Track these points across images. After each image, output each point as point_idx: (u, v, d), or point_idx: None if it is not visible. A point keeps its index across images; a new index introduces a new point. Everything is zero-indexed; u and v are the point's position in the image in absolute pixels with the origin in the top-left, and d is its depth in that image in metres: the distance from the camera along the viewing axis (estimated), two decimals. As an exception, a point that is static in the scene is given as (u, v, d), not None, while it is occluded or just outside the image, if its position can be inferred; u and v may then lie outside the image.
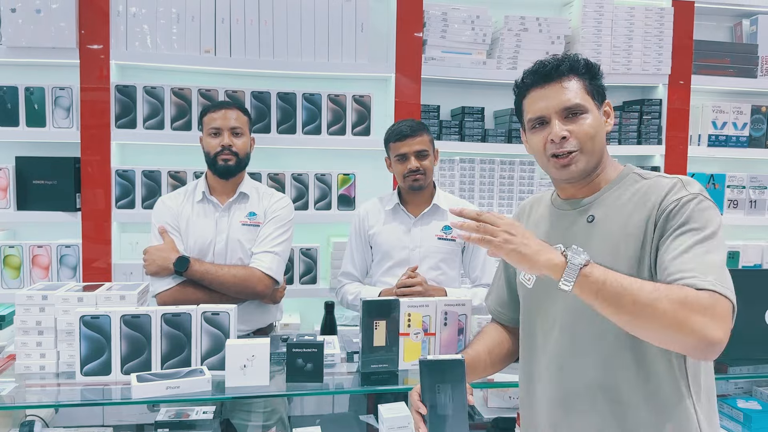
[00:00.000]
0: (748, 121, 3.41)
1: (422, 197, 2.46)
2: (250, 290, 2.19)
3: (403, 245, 2.43)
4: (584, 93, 1.38)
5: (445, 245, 2.44)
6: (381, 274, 2.47)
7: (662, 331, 1.15)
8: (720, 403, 2.26)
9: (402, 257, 2.42)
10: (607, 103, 1.44)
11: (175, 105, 2.88)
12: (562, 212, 1.46)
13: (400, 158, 2.38)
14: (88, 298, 1.88)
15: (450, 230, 2.44)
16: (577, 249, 1.20)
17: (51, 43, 2.77)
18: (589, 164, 1.38)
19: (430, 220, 2.45)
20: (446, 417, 1.38)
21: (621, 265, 1.29)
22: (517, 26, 3.14)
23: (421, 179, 2.38)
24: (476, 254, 2.48)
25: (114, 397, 1.76)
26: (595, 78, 1.42)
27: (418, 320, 1.96)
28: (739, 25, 3.57)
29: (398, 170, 2.41)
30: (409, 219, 2.45)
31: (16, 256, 2.82)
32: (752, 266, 3.35)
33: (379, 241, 2.46)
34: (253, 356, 1.77)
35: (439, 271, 2.42)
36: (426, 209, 2.45)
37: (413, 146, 2.36)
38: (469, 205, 2.53)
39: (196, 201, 2.33)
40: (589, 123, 1.37)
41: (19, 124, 2.81)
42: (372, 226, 2.48)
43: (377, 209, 2.51)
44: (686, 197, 1.27)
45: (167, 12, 2.86)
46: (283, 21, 2.94)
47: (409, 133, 2.36)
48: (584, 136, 1.36)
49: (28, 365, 1.86)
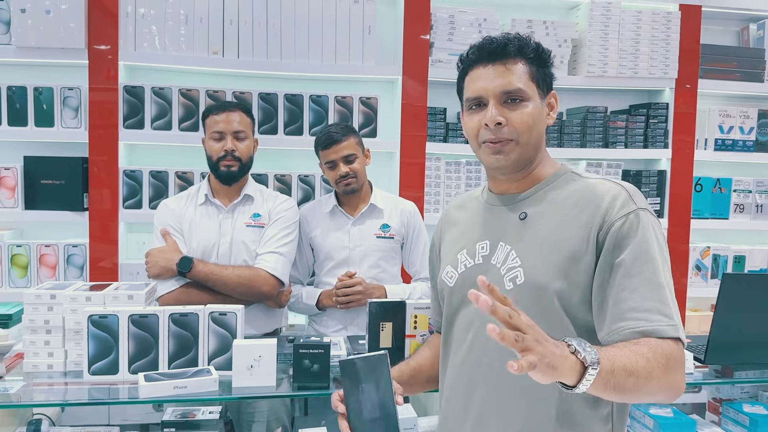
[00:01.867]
0: (755, 125, 3.40)
1: (358, 198, 2.50)
2: (255, 291, 2.19)
3: (343, 245, 2.47)
4: (528, 79, 1.27)
5: (384, 243, 2.48)
6: (323, 275, 2.51)
7: (649, 397, 1.14)
8: (726, 407, 2.26)
9: (342, 257, 2.46)
10: (552, 95, 1.34)
11: (183, 106, 2.89)
12: (494, 207, 1.36)
13: (329, 165, 2.42)
14: (96, 298, 1.88)
15: (388, 228, 2.48)
16: (579, 342, 1.02)
17: (60, 43, 2.79)
18: (523, 156, 1.28)
19: (367, 220, 2.49)
20: (371, 420, 1.27)
21: (545, 270, 1.22)
22: (523, 29, 3.14)
23: (352, 182, 2.41)
24: (414, 248, 2.53)
25: (121, 397, 1.76)
26: (545, 65, 1.31)
27: (424, 322, 1.96)
28: (746, 30, 3.57)
29: (330, 176, 2.45)
30: (348, 219, 2.49)
31: (23, 256, 2.84)
32: (758, 270, 3.35)
33: (320, 242, 2.49)
34: (260, 357, 1.78)
35: (379, 269, 2.47)
36: (363, 209, 2.49)
37: (340, 152, 2.39)
38: (405, 203, 2.57)
39: (199, 203, 2.32)
40: (529, 112, 1.26)
41: (27, 124, 2.83)
42: (312, 229, 2.51)
43: (316, 211, 2.54)
44: (633, 213, 1.19)
45: (176, 13, 2.88)
46: (290, 23, 2.95)
47: (336, 139, 2.39)
48: (521, 126, 1.26)
49: (36, 364, 1.87)
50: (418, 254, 2.54)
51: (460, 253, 1.37)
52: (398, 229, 2.50)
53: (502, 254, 1.29)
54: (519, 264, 1.25)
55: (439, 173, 3.15)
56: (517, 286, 1.24)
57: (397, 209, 2.53)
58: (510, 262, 1.26)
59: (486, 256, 1.32)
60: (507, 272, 1.26)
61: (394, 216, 2.51)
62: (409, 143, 3.07)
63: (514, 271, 1.25)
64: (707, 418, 2.34)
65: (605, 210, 1.20)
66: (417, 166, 3.08)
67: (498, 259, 1.29)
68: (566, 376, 0.98)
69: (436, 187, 3.13)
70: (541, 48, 1.31)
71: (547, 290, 1.21)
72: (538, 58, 1.30)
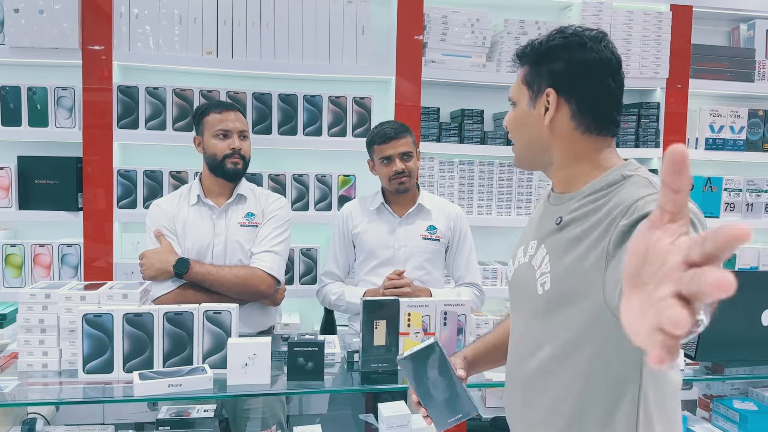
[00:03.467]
0: (746, 124, 3.43)
1: (407, 198, 2.48)
2: (252, 290, 2.19)
3: (388, 245, 2.44)
4: (520, 83, 1.31)
5: (429, 245, 2.46)
6: (365, 273, 2.48)
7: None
8: (716, 403, 2.28)
9: (387, 256, 2.44)
10: (546, 92, 1.26)
11: (177, 106, 2.90)
12: (549, 206, 1.34)
13: (384, 160, 2.40)
14: (90, 297, 1.89)
15: (435, 230, 2.46)
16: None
17: (54, 43, 2.79)
18: (522, 154, 1.34)
19: (415, 220, 2.47)
20: (444, 401, 1.41)
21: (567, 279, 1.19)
22: (516, 30, 3.17)
23: (406, 181, 2.40)
24: (460, 254, 2.51)
25: (116, 395, 1.78)
26: (537, 63, 1.28)
27: (417, 320, 1.98)
28: (737, 30, 3.60)
29: (383, 172, 2.42)
30: (394, 219, 2.47)
31: (17, 255, 2.84)
32: (749, 268, 3.38)
33: (364, 240, 2.47)
34: (254, 355, 1.79)
35: (423, 271, 2.44)
36: (411, 209, 2.47)
37: (398, 148, 2.37)
38: (452, 206, 2.56)
39: (192, 204, 2.31)
40: (512, 115, 1.33)
41: (21, 124, 2.83)
42: (356, 225, 2.49)
43: (361, 209, 2.53)
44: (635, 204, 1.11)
45: (169, 13, 2.88)
46: (284, 23, 2.96)
47: (394, 135, 2.37)
48: (507, 126, 1.35)
49: (31, 363, 1.87)
50: (462, 259, 2.50)
51: (519, 249, 1.38)
52: (444, 231, 2.47)
53: (539, 257, 1.27)
54: (548, 270, 1.22)
55: (433, 173, 3.16)
56: (545, 292, 1.23)
57: (444, 212, 2.51)
58: (543, 267, 1.25)
59: (532, 256, 1.31)
60: (540, 276, 1.25)
61: (441, 218, 2.48)
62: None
63: (544, 276, 1.24)
64: (698, 414, 2.36)
65: (615, 217, 1.12)
66: (411, 166, 3.09)
67: (537, 261, 1.28)
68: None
69: (430, 187, 3.15)
70: (535, 45, 1.27)
71: (567, 298, 1.19)
72: (531, 57, 1.28)
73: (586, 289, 1.13)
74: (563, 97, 1.24)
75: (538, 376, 1.27)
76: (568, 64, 1.23)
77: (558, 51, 1.24)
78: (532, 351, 1.28)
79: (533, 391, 1.29)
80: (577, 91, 1.23)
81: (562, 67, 1.23)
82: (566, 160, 1.27)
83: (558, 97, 1.24)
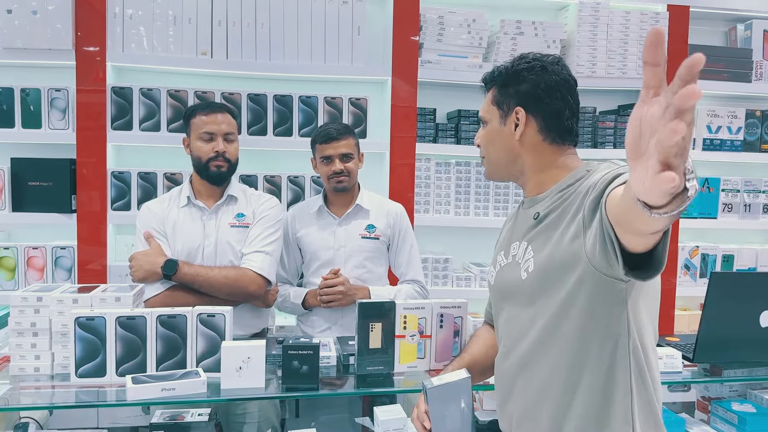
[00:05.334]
0: (743, 125, 3.43)
1: (346, 198, 2.51)
2: (242, 291, 2.18)
3: (328, 245, 2.48)
4: (490, 104, 1.48)
5: (369, 244, 2.49)
6: (309, 274, 2.53)
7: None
8: (714, 405, 2.27)
9: (328, 257, 2.47)
10: (515, 111, 1.43)
11: (171, 107, 2.88)
12: (522, 211, 1.51)
13: (325, 160, 2.44)
14: (83, 300, 1.87)
15: (374, 229, 2.49)
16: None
17: (47, 44, 2.77)
18: (495, 168, 1.51)
19: (353, 220, 2.50)
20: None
21: (551, 256, 1.31)
22: (513, 30, 3.15)
23: (345, 181, 2.43)
24: (401, 250, 2.54)
25: (109, 399, 1.75)
26: (507, 84, 1.45)
27: (413, 322, 1.96)
28: (734, 30, 3.59)
29: (323, 171, 2.46)
30: (333, 219, 2.50)
31: (11, 258, 2.82)
32: (746, 270, 3.37)
33: (306, 242, 2.51)
34: (248, 358, 1.77)
35: (364, 269, 2.48)
36: (349, 209, 2.49)
37: (338, 149, 2.41)
38: (392, 204, 2.60)
39: (182, 206, 2.30)
40: (483, 133, 1.50)
41: (14, 126, 2.81)
42: (298, 229, 2.53)
43: (303, 212, 2.56)
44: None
45: (164, 14, 2.87)
46: (279, 24, 2.94)
47: (335, 135, 2.41)
48: (481, 143, 1.51)
49: (23, 367, 1.85)
50: (404, 256, 2.54)
51: (498, 254, 1.54)
52: (384, 230, 2.51)
53: (521, 251, 1.42)
54: (531, 256, 1.36)
55: (429, 174, 3.15)
56: (528, 275, 1.36)
57: (384, 210, 2.54)
58: (526, 256, 1.39)
59: (514, 255, 1.45)
60: (523, 264, 1.39)
61: (380, 217, 2.52)
62: (398, 144, 3.07)
63: (527, 263, 1.37)
64: (696, 416, 2.35)
65: (586, 192, 1.27)
66: (407, 167, 3.08)
67: (519, 255, 1.42)
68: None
69: (426, 188, 3.14)
70: (501, 70, 1.46)
71: (552, 272, 1.31)
72: (502, 79, 1.46)
73: (572, 258, 1.25)
74: (531, 114, 1.42)
75: (533, 351, 1.36)
76: (534, 85, 1.41)
77: (524, 74, 1.42)
78: (525, 332, 1.37)
79: (528, 366, 1.37)
80: (542, 108, 1.41)
81: (529, 88, 1.41)
82: (537, 168, 1.44)
83: (527, 114, 1.42)
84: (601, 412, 1.28)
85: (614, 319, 1.26)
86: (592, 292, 1.25)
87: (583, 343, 1.28)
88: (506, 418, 1.47)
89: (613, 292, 1.24)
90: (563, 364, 1.31)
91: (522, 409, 1.40)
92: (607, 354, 1.27)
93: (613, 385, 1.28)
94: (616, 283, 1.22)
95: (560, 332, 1.31)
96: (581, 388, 1.29)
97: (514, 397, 1.42)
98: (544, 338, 1.33)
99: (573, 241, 1.25)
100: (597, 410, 1.28)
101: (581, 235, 1.23)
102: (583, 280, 1.25)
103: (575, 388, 1.30)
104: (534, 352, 1.35)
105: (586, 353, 1.29)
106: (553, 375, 1.33)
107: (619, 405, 1.28)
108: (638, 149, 0.80)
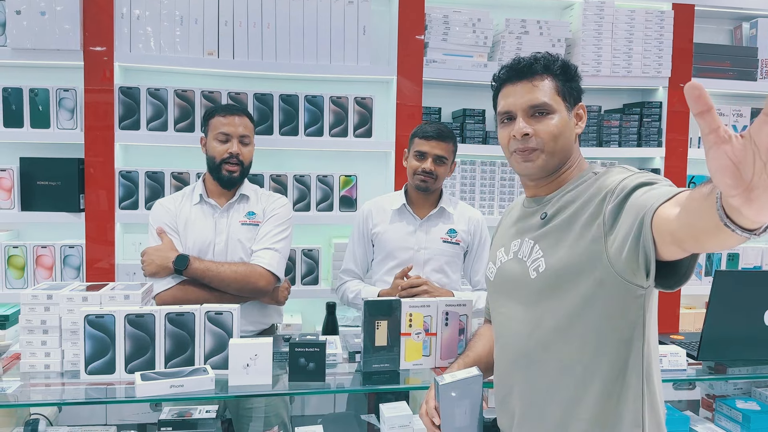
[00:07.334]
0: (748, 123, 3.42)
1: (429, 199, 2.46)
2: (251, 287, 2.20)
3: (408, 246, 2.43)
4: (554, 93, 1.40)
5: (449, 248, 2.44)
6: (383, 273, 2.47)
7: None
8: (719, 403, 2.27)
9: (406, 258, 2.42)
10: (580, 106, 1.45)
11: (179, 107, 2.90)
12: (527, 210, 1.49)
13: (418, 155, 2.39)
14: (92, 298, 1.89)
15: (455, 234, 2.45)
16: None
17: (55, 45, 2.79)
18: (549, 163, 1.40)
19: (437, 223, 2.46)
20: (462, 428, 1.45)
21: (562, 257, 1.31)
22: (518, 29, 3.16)
23: (429, 182, 2.38)
24: (478, 258, 2.49)
25: (118, 396, 1.77)
26: (571, 80, 1.43)
27: (419, 320, 1.98)
28: (739, 28, 3.59)
29: (412, 166, 2.41)
30: (416, 220, 2.45)
31: (20, 257, 2.84)
32: (752, 268, 3.37)
33: (383, 240, 2.46)
34: (256, 355, 1.79)
35: (442, 274, 2.43)
36: (433, 211, 2.45)
37: (435, 149, 2.36)
38: (473, 211, 2.55)
39: (194, 203, 2.33)
40: (555, 123, 1.38)
41: (23, 126, 2.83)
42: (376, 224, 2.48)
43: (382, 208, 2.51)
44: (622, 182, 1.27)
45: (171, 14, 2.89)
46: (285, 24, 2.96)
47: (436, 136, 2.36)
48: (547, 136, 1.38)
49: (33, 364, 1.88)
50: (482, 264, 2.48)
51: (498, 251, 1.53)
52: (464, 236, 2.46)
53: (526, 249, 1.42)
54: (541, 256, 1.36)
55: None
56: (539, 274, 1.35)
57: (465, 216, 2.49)
58: (534, 254, 1.38)
59: (516, 252, 1.45)
60: (531, 263, 1.38)
61: (461, 222, 2.47)
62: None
63: (537, 262, 1.37)
64: (701, 414, 2.36)
65: (604, 197, 1.28)
66: (412, 166, 3.09)
67: (524, 253, 1.42)
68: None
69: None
70: (567, 64, 1.43)
71: (566, 274, 1.30)
72: (564, 74, 1.42)
73: (588, 260, 1.26)
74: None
75: (539, 350, 1.36)
76: (580, 84, 1.46)
77: (576, 72, 1.45)
78: (529, 330, 1.38)
79: (534, 366, 1.38)
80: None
81: (579, 87, 1.45)
82: (569, 164, 1.43)
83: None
84: (611, 415, 1.29)
85: (631, 324, 1.27)
86: (610, 296, 1.26)
87: (599, 347, 1.29)
88: (506, 415, 1.47)
89: (632, 297, 1.25)
90: (575, 366, 1.31)
91: (525, 407, 1.40)
92: (623, 359, 1.28)
93: (626, 389, 1.28)
94: (636, 289, 1.23)
95: (572, 334, 1.31)
96: (593, 390, 1.29)
97: (515, 395, 1.43)
98: (554, 338, 1.33)
99: (591, 245, 1.26)
100: (607, 413, 1.29)
101: (601, 239, 1.24)
102: (602, 283, 1.25)
103: (586, 390, 1.30)
104: (540, 351, 1.36)
105: (601, 357, 1.29)
106: (562, 376, 1.33)
107: (630, 408, 1.29)
108: (742, 179, 0.79)
